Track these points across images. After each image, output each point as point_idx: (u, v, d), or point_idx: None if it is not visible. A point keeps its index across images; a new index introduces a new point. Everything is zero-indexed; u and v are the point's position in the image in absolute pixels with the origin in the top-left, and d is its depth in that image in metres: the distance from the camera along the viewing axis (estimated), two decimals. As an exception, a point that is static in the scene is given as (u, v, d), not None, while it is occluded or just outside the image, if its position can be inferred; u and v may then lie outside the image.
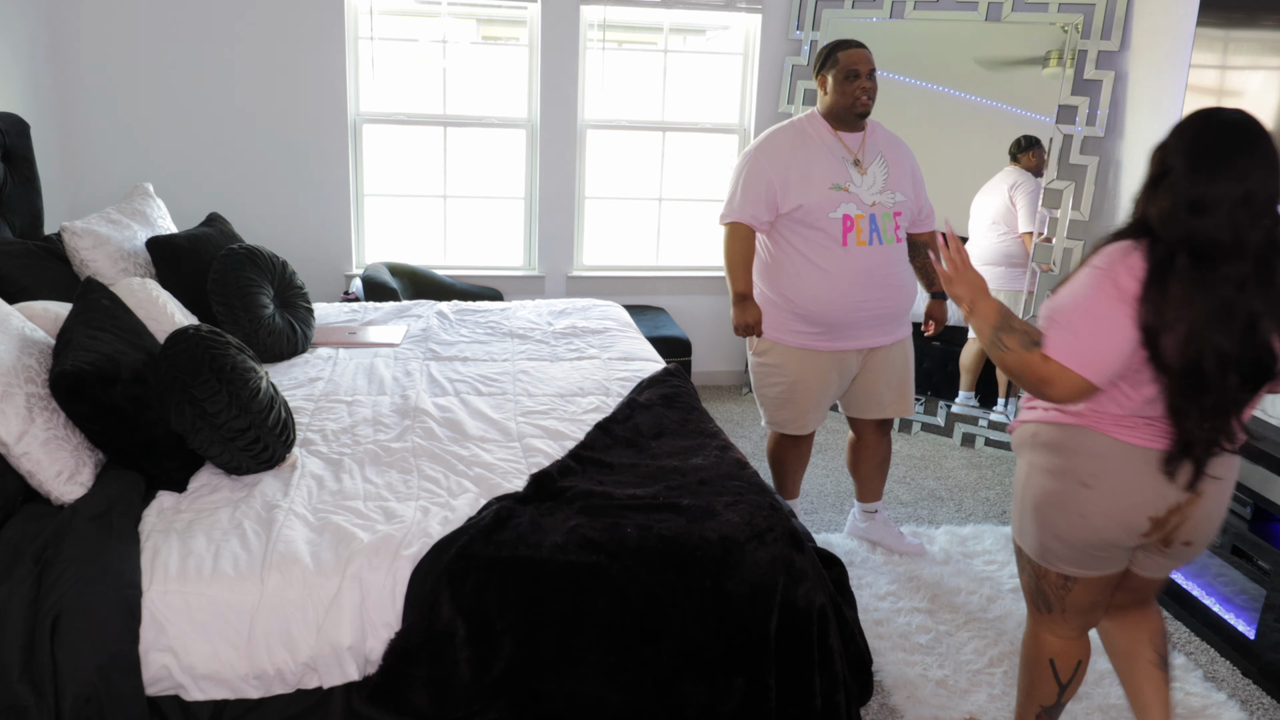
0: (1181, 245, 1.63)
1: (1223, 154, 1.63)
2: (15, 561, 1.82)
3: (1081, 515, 1.81)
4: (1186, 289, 1.62)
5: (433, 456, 2.40)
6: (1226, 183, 1.61)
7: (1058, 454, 1.83)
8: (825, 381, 2.98)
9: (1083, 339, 1.69)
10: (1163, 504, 1.77)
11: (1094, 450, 1.78)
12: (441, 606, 1.88)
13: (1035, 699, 2.05)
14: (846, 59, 2.82)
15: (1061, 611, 1.95)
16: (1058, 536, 1.86)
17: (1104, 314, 1.67)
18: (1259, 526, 2.66)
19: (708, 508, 2.08)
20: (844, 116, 2.87)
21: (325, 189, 4.54)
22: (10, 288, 2.68)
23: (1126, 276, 1.66)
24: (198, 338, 2.19)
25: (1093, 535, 1.82)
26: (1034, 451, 1.89)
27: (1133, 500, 1.77)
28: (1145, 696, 2.07)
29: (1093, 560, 1.86)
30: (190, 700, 1.84)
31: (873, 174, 2.88)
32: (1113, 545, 1.83)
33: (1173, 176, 1.66)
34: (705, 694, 1.95)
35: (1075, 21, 4.10)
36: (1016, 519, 1.97)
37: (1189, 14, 3.62)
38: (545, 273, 4.84)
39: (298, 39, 4.33)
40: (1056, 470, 1.83)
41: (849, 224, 2.82)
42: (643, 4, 4.61)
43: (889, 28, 4.46)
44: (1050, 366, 1.72)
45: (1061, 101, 4.11)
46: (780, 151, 2.86)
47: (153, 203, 3.40)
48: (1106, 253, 1.71)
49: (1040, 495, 1.86)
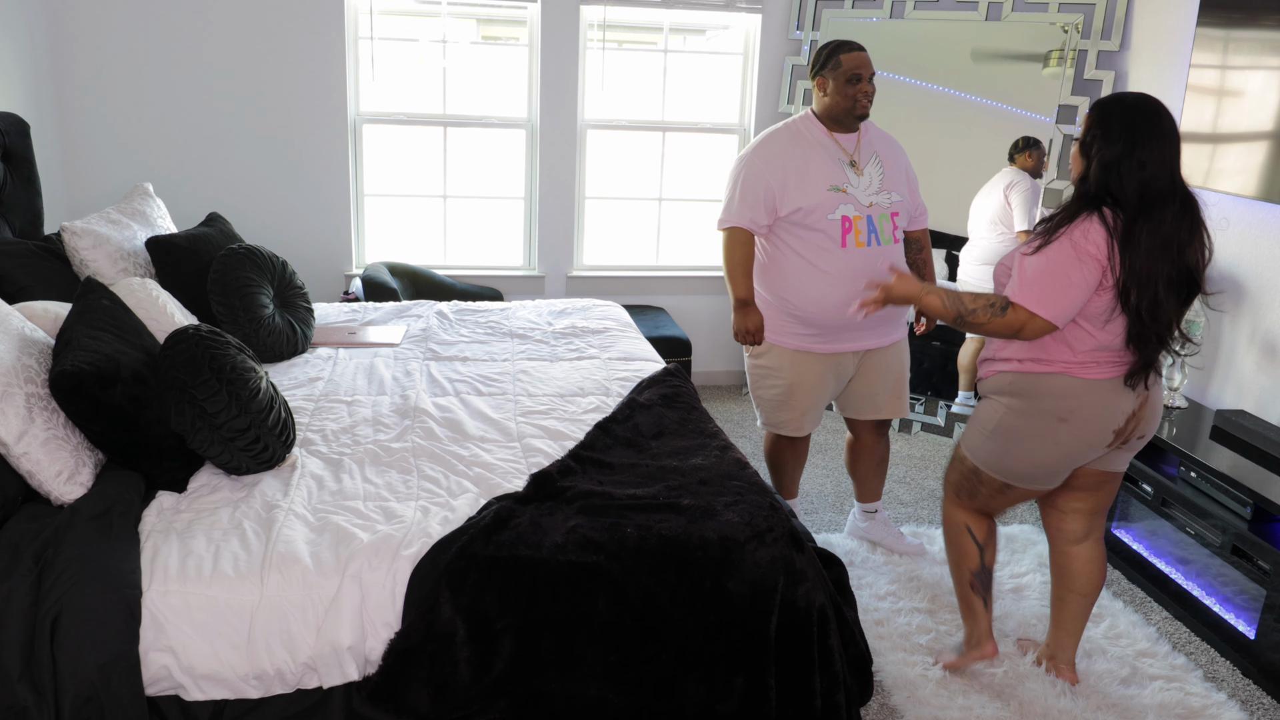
0: (1135, 200, 2.08)
1: (1148, 122, 2.11)
2: (15, 561, 1.82)
3: (1056, 444, 2.24)
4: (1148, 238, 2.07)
5: (433, 456, 2.40)
6: (1158, 141, 2.09)
7: (1035, 398, 2.23)
8: (822, 384, 2.98)
9: (1048, 293, 2.12)
10: (1122, 416, 2.22)
11: (1068, 391, 2.20)
12: (441, 606, 1.88)
13: (964, 565, 2.48)
14: (850, 62, 2.80)
15: (985, 504, 2.42)
16: (1027, 461, 2.28)
17: (1065, 273, 2.11)
18: (1259, 526, 2.66)
19: (708, 508, 2.08)
20: (842, 118, 2.86)
21: (325, 189, 4.54)
22: (10, 288, 2.68)
23: (1084, 241, 2.10)
24: (198, 338, 2.19)
25: (1064, 458, 2.27)
26: (1011, 396, 2.28)
27: (1101, 423, 2.21)
28: (1064, 615, 2.50)
29: (1048, 478, 2.31)
30: (190, 700, 1.84)
31: (869, 174, 2.87)
32: (1078, 462, 2.29)
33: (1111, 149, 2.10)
34: (705, 694, 1.96)
35: (1075, 21, 4.10)
36: (975, 441, 2.36)
37: (1189, 14, 3.62)
38: (545, 273, 4.84)
39: (298, 39, 4.33)
40: (1034, 411, 2.24)
41: (847, 225, 2.81)
42: (643, 4, 4.61)
43: (889, 28, 4.46)
44: (1020, 314, 2.15)
45: (1061, 101, 4.11)
46: (777, 154, 2.84)
47: (153, 203, 3.40)
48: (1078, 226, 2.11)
49: (1015, 430, 2.27)
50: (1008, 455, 2.30)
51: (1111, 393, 2.19)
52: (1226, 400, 3.40)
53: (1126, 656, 2.64)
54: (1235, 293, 3.36)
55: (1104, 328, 2.15)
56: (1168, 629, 2.87)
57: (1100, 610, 2.86)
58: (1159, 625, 2.88)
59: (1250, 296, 3.30)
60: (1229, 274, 3.39)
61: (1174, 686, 2.52)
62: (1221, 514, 2.76)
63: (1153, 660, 2.63)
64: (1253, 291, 3.29)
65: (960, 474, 2.43)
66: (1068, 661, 2.51)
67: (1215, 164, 3.36)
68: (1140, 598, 3.04)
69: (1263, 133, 3.16)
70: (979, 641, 2.49)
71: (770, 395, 3.02)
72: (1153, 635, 2.75)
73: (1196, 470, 2.89)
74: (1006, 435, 2.28)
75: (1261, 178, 3.16)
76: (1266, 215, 3.24)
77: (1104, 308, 2.14)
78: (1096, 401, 2.19)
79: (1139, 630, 2.77)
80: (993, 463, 2.33)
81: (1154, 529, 3.08)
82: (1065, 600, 2.49)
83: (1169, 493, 2.97)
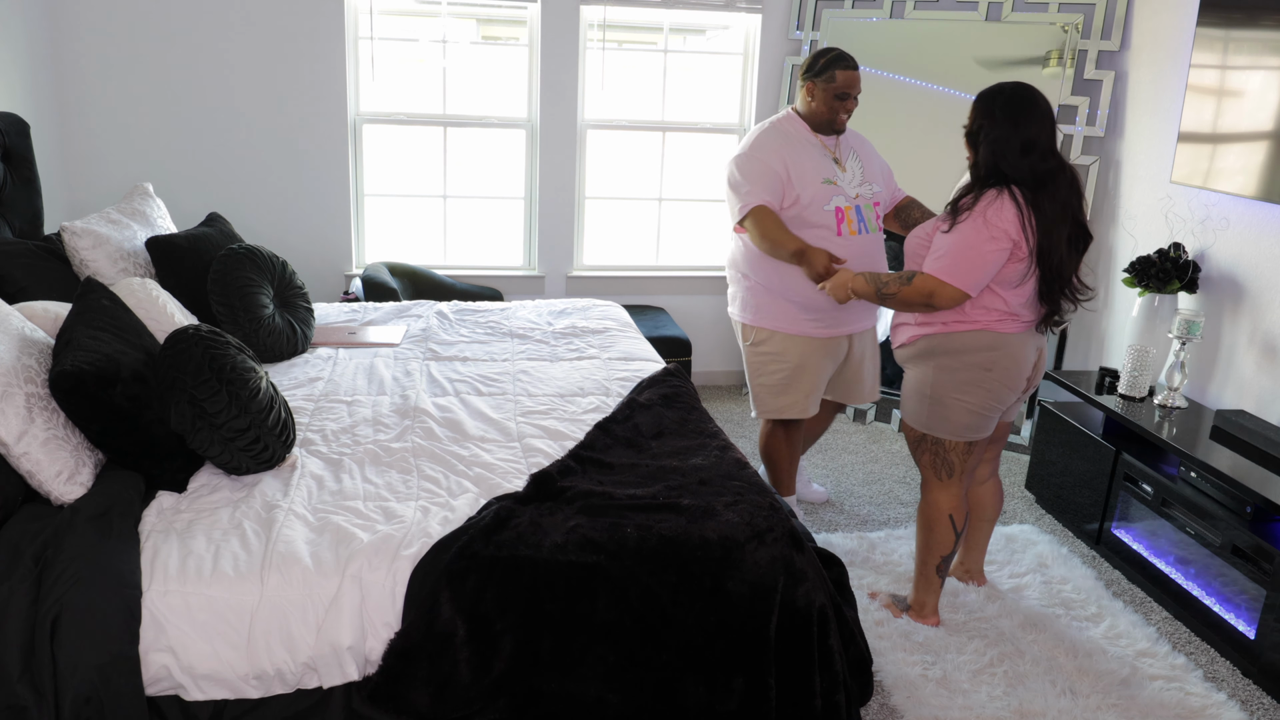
0: (1030, 176, 2.37)
1: (1028, 106, 2.38)
2: (15, 561, 1.82)
3: (987, 390, 2.55)
4: (1050, 207, 2.37)
5: (433, 456, 2.40)
6: (1039, 122, 2.37)
7: (960, 354, 2.53)
8: (823, 367, 3.13)
9: (961, 265, 2.40)
10: (1029, 364, 2.58)
11: (991, 344, 2.51)
12: (441, 606, 1.88)
13: (937, 551, 2.73)
14: (844, 80, 2.96)
15: (960, 473, 2.67)
16: (969, 412, 2.57)
17: (976, 247, 2.38)
18: (1259, 526, 2.66)
19: (708, 508, 2.08)
20: (821, 126, 3.03)
21: (325, 189, 4.54)
22: (10, 288, 2.68)
23: (996, 219, 2.36)
24: (198, 338, 2.19)
25: (995, 403, 2.58)
26: (934, 357, 2.56)
27: (1017, 369, 2.56)
28: (975, 538, 2.97)
29: (986, 423, 2.62)
30: (190, 700, 1.84)
31: (851, 169, 3.06)
32: (1004, 405, 2.61)
33: (999, 131, 2.38)
34: (705, 694, 1.96)
35: (1075, 21, 4.10)
36: (915, 411, 2.64)
37: (1189, 14, 3.62)
38: (545, 273, 4.84)
39: (298, 39, 4.33)
40: (961, 365, 2.54)
41: (841, 215, 2.99)
42: (643, 4, 4.61)
43: (889, 28, 4.46)
44: (929, 282, 2.43)
45: (1061, 101, 4.11)
46: (773, 149, 2.97)
47: (153, 203, 3.40)
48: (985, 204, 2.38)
49: (948, 385, 2.56)
50: (948, 411, 2.58)
51: (1021, 345, 2.54)
52: (1226, 400, 3.40)
53: (1126, 656, 2.64)
54: (1235, 293, 3.36)
55: (1016, 291, 2.46)
56: (1168, 629, 2.87)
57: (1100, 610, 2.87)
58: (1159, 625, 2.88)
59: (1250, 296, 3.30)
60: (1229, 274, 3.39)
61: (1174, 686, 2.52)
62: (1221, 514, 2.76)
63: (1153, 660, 2.63)
64: (1253, 291, 3.29)
65: (929, 453, 2.67)
66: (979, 570, 3.01)
67: (1215, 164, 3.36)
68: (1140, 598, 3.04)
69: (1263, 133, 3.16)
70: (930, 612, 2.77)
71: (774, 381, 3.12)
72: (1153, 635, 2.75)
73: (1196, 470, 2.89)
74: (942, 392, 2.57)
75: (1261, 178, 3.16)
76: (1266, 215, 3.24)
77: (1017, 275, 2.43)
78: (1013, 352, 2.53)
79: (1139, 630, 2.77)
80: (939, 424, 2.61)
81: (1154, 529, 3.08)
82: (976, 526, 2.95)
83: (1169, 493, 2.97)
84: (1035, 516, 3.57)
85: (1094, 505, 3.31)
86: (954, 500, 2.69)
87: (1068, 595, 2.96)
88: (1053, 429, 3.57)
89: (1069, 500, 3.45)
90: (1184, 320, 3.19)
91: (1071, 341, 4.35)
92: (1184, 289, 3.47)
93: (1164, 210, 3.75)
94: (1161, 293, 3.47)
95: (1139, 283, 3.52)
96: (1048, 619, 2.80)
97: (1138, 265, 3.52)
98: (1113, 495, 3.24)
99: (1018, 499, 3.73)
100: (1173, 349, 3.29)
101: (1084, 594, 2.97)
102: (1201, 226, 3.53)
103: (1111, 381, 3.53)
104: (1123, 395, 3.39)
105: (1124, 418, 3.22)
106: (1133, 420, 3.18)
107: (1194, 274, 3.46)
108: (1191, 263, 3.46)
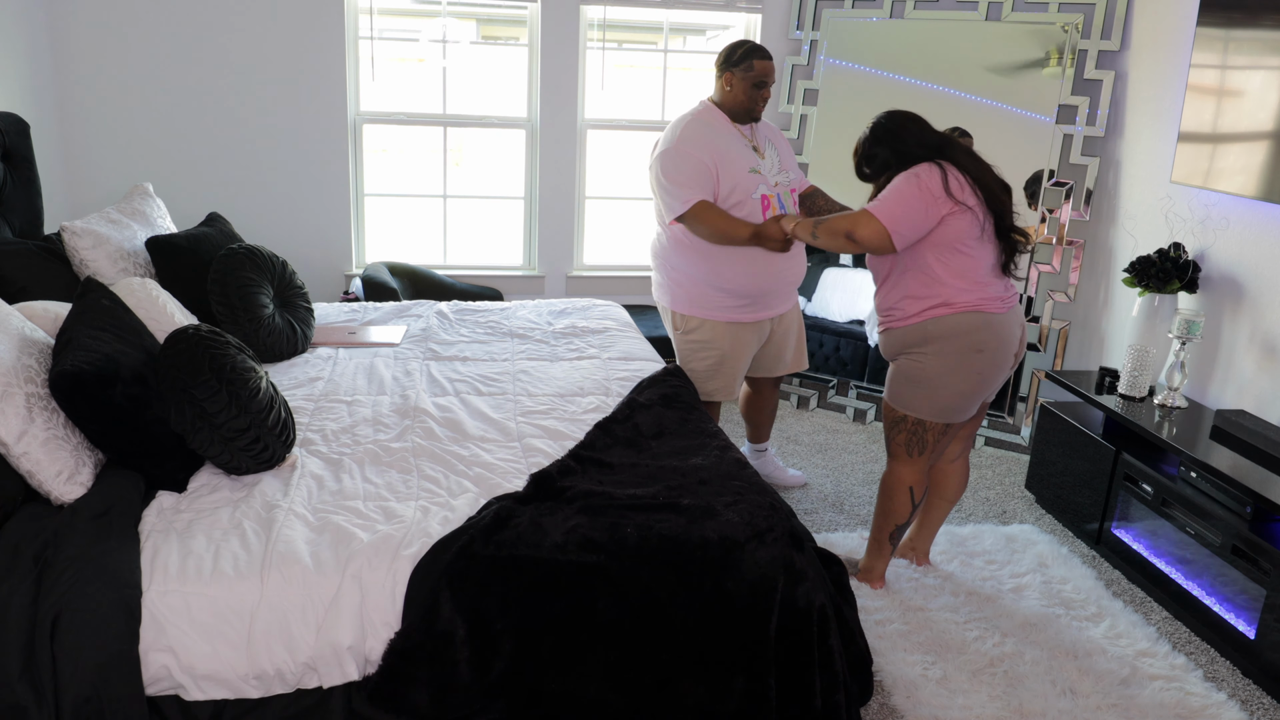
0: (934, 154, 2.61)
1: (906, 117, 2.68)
2: (15, 561, 1.82)
3: (978, 373, 2.65)
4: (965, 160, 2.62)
5: (433, 456, 2.40)
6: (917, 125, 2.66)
7: (952, 337, 2.62)
8: (749, 350, 3.30)
9: (887, 205, 2.57)
10: (1015, 341, 2.69)
11: (982, 325, 2.62)
12: (441, 606, 1.88)
13: (892, 520, 2.86)
14: (761, 69, 3.07)
15: (931, 452, 2.78)
16: (954, 394, 2.67)
17: (902, 193, 2.56)
18: (1259, 526, 2.66)
19: (708, 507, 2.08)
20: (739, 115, 3.13)
21: (325, 189, 4.54)
22: (10, 288, 2.68)
23: (926, 177, 2.56)
24: (198, 338, 2.19)
25: (983, 385, 2.69)
26: (930, 343, 2.65)
27: (1006, 349, 2.66)
28: (930, 517, 3.03)
29: (971, 406, 2.72)
30: (190, 700, 1.84)
31: (770, 158, 3.18)
32: (993, 386, 2.72)
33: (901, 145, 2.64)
34: (705, 694, 1.96)
35: (1075, 21, 4.10)
36: (903, 394, 2.72)
37: (1189, 14, 3.61)
38: (545, 273, 4.84)
39: (298, 39, 4.33)
40: (952, 350, 2.63)
41: (766, 203, 3.11)
42: (643, 4, 4.61)
43: (889, 28, 4.46)
44: (864, 218, 2.59)
45: (1061, 101, 4.11)
46: (699, 142, 3.05)
47: (153, 203, 3.40)
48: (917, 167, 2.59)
49: (940, 370, 2.65)
50: (938, 395, 2.68)
51: (1008, 324, 2.66)
52: (1226, 400, 3.40)
53: (1126, 656, 2.64)
54: (1235, 293, 3.36)
55: (980, 247, 2.61)
56: (1168, 629, 2.87)
57: (1100, 610, 2.87)
58: (1159, 625, 2.88)
59: (1250, 296, 3.30)
60: (1229, 274, 3.39)
61: (1174, 686, 2.52)
62: (1221, 514, 2.76)
63: (1153, 660, 2.63)
64: (1253, 291, 3.29)
65: (905, 432, 2.78)
66: (924, 551, 3.07)
67: (1215, 164, 3.36)
68: (1140, 598, 3.04)
69: (1263, 133, 3.16)
70: (876, 577, 2.93)
71: (703, 367, 3.27)
72: (1153, 635, 2.75)
73: (1196, 470, 2.89)
74: (935, 378, 2.66)
75: (1261, 178, 3.16)
76: (1266, 215, 3.23)
77: (974, 227, 2.58)
78: (1002, 331, 2.65)
79: (1139, 630, 2.77)
80: (925, 407, 2.70)
81: (1154, 529, 3.08)
82: (934, 505, 3.02)
83: (1169, 493, 2.97)
84: (1035, 516, 3.57)
85: (1094, 505, 3.31)
86: (917, 475, 2.82)
87: (1068, 595, 2.96)
88: (1053, 429, 3.57)
89: (1069, 500, 3.45)
90: (1184, 320, 3.19)
91: (1071, 341, 4.35)
92: (1184, 289, 3.47)
93: (1164, 210, 3.75)
94: (1161, 293, 3.47)
95: (1139, 283, 3.52)
96: (1048, 619, 2.80)
97: (1138, 265, 3.52)
98: (1113, 495, 3.24)
99: (1018, 499, 3.73)
100: (1173, 349, 3.29)
101: (1084, 594, 2.97)
102: (1201, 226, 3.53)
103: (1111, 381, 3.53)
104: (1123, 395, 3.39)
105: (1124, 418, 3.22)
106: (1133, 420, 3.18)
107: (1194, 274, 3.46)
108: (1191, 263, 3.46)
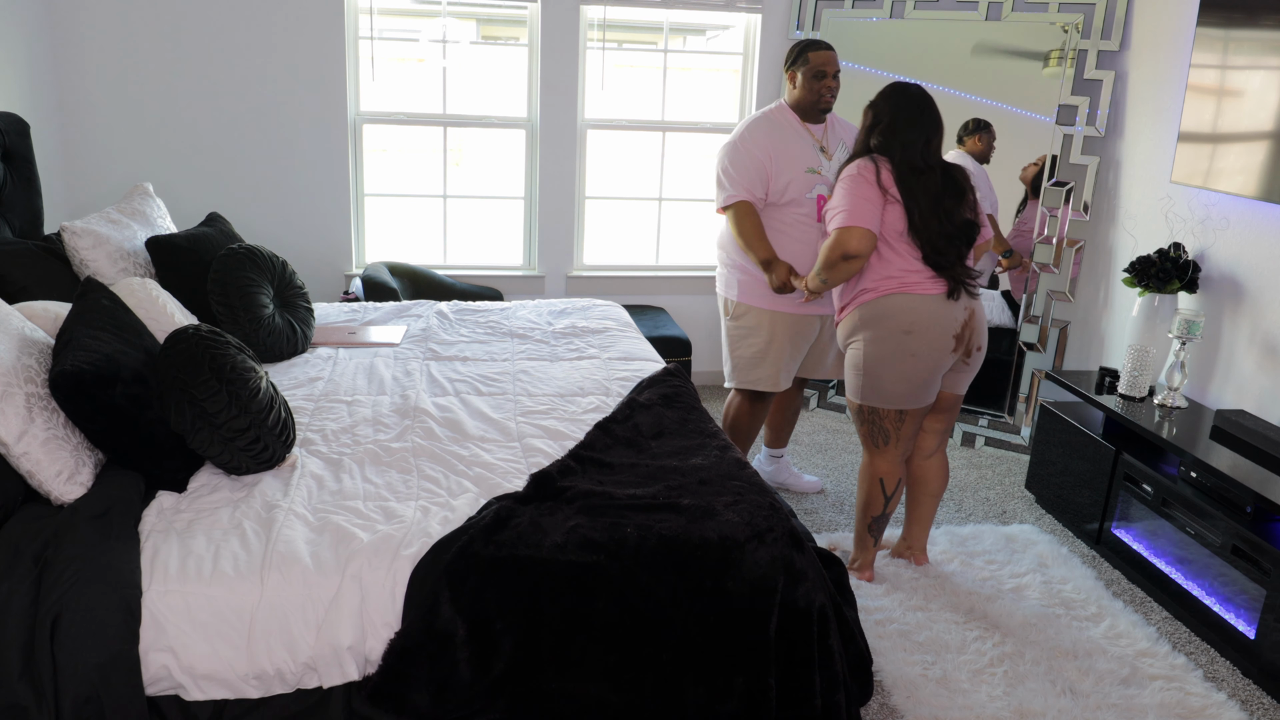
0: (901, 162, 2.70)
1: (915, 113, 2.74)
2: (15, 561, 1.82)
3: (913, 355, 2.72)
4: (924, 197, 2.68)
5: (433, 456, 2.40)
6: (917, 131, 2.72)
7: (881, 320, 2.72)
8: (796, 341, 3.33)
9: (853, 208, 2.66)
10: (956, 323, 2.73)
11: (905, 306, 2.70)
12: (441, 606, 1.88)
13: (868, 511, 2.94)
14: (816, 59, 3.14)
15: (896, 441, 2.85)
16: (898, 379, 2.75)
17: (851, 190, 2.68)
18: (1259, 526, 2.66)
19: (708, 508, 2.08)
20: (809, 111, 3.21)
21: (325, 189, 4.53)
22: (10, 288, 2.68)
23: (869, 173, 2.69)
24: (198, 338, 2.19)
25: (925, 369, 2.74)
26: (863, 329, 2.76)
27: (940, 329, 2.71)
28: (919, 513, 3.07)
29: (922, 391, 2.78)
30: (190, 700, 1.84)
31: (836, 159, 3.23)
32: (937, 370, 2.76)
33: (885, 124, 2.74)
34: (705, 694, 1.96)
35: (1075, 21, 4.10)
36: (860, 386, 2.81)
37: (1189, 14, 3.61)
38: (545, 273, 4.84)
39: (298, 39, 4.33)
40: (885, 334, 2.72)
41: (822, 202, 3.15)
42: (643, 4, 4.61)
43: (889, 28, 4.46)
44: (839, 234, 2.67)
45: (1061, 101, 4.11)
46: (761, 139, 3.16)
47: (153, 203, 3.40)
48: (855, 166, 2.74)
49: (878, 355, 2.74)
50: (881, 380, 2.76)
51: (939, 305, 2.70)
52: (1226, 400, 3.40)
53: (1126, 656, 2.64)
54: (1235, 293, 3.36)
55: (903, 242, 2.70)
56: (1168, 629, 2.87)
57: (1100, 610, 2.87)
58: (1159, 625, 2.88)
59: (1250, 296, 3.30)
60: (1229, 274, 3.39)
61: (1174, 686, 2.52)
62: (1221, 514, 2.76)
63: (1153, 660, 2.63)
64: (1253, 291, 3.29)
65: (865, 423, 2.87)
66: (920, 548, 3.09)
67: (1215, 164, 3.36)
68: (1140, 598, 3.04)
69: (1263, 133, 3.16)
70: (863, 567, 2.98)
71: (749, 353, 3.33)
72: (1153, 635, 2.75)
73: (1196, 470, 2.89)
74: (874, 364, 2.75)
75: (1261, 178, 3.16)
76: (1266, 215, 3.23)
77: (897, 220, 2.68)
78: (930, 312, 2.70)
79: (1139, 630, 2.77)
80: (873, 394, 2.80)
81: (1154, 529, 3.08)
82: (920, 501, 3.06)
83: (1169, 493, 2.97)
84: (1035, 516, 3.57)
85: (1094, 505, 3.31)
86: (888, 466, 2.89)
87: (1068, 595, 2.96)
88: (1053, 429, 3.57)
89: (1069, 500, 3.45)
90: (1184, 320, 3.19)
91: (1071, 341, 4.35)
92: (1184, 289, 3.47)
93: (1164, 210, 3.75)
94: (1161, 293, 3.47)
95: (1139, 283, 3.52)
96: (1048, 619, 2.80)
97: (1138, 265, 3.52)
98: (1113, 495, 3.24)
99: (1018, 499, 3.73)
100: (1173, 349, 3.29)
101: (1084, 594, 2.97)
102: (1201, 226, 3.53)
103: (1111, 381, 3.53)
104: (1123, 395, 3.39)
105: (1124, 418, 3.22)
106: (1133, 420, 3.18)
107: (1194, 274, 3.46)
108: (1191, 263, 3.46)
